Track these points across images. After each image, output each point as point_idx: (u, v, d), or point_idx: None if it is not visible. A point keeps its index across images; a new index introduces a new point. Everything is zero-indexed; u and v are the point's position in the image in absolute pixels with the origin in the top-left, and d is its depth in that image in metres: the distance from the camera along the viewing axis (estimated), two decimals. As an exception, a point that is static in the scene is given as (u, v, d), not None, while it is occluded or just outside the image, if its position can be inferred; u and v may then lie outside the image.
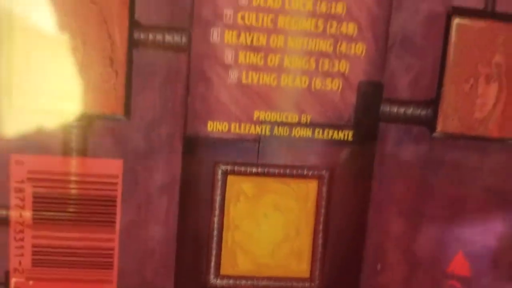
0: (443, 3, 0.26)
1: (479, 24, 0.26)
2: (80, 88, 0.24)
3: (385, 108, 0.26)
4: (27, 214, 0.24)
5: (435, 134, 0.27)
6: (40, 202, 0.24)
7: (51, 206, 0.25)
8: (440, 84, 0.26)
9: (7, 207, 0.24)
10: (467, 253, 0.28)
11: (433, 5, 0.26)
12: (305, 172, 0.26)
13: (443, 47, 0.26)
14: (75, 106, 0.24)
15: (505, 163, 0.28)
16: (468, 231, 0.28)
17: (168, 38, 0.24)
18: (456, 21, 0.26)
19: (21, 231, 0.25)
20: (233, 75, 0.25)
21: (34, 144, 0.24)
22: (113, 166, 0.25)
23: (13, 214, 0.24)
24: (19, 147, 0.24)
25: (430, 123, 0.27)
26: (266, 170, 0.26)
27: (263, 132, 0.26)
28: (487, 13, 0.26)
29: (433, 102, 0.26)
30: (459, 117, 0.27)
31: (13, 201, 0.24)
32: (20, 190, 0.24)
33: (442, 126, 0.27)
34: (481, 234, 0.28)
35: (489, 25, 0.26)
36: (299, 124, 0.26)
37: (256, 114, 0.25)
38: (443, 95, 0.27)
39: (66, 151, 0.24)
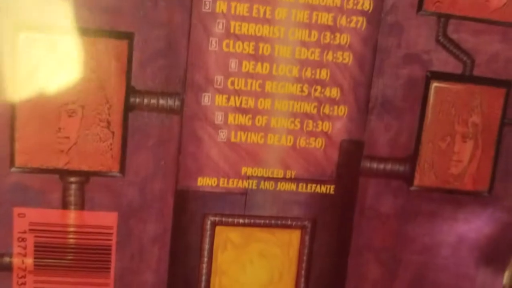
0: (422, 68, 0.27)
1: (457, 87, 0.28)
2: (78, 147, 0.25)
3: (366, 164, 0.28)
4: (29, 261, 0.26)
5: (412, 188, 0.29)
6: (41, 251, 0.26)
7: (51, 254, 0.26)
8: (418, 142, 0.28)
9: (10, 255, 0.26)
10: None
11: (413, 70, 0.27)
12: (289, 223, 0.28)
13: (422, 108, 0.28)
14: (73, 162, 0.26)
15: (479, 214, 0.30)
16: (442, 277, 0.30)
17: (162, 102, 0.26)
18: (435, 84, 0.28)
19: (23, 277, 0.27)
20: (222, 135, 0.27)
21: (35, 198, 0.26)
22: (108, 218, 0.26)
23: (16, 261, 0.26)
24: (21, 200, 0.26)
25: (407, 178, 0.28)
26: (252, 220, 0.28)
27: (250, 186, 0.27)
28: (465, 77, 0.28)
29: (411, 159, 0.28)
30: (435, 172, 0.29)
31: (16, 249, 0.26)
32: (23, 240, 0.26)
33: (419, 180, 0.29)
34: (455, 279, 0.30)
35: (466, 88, 0.28)
36: (284, 179, 0.28)
37: (243, 170, 0.27)
38: (421, 152, 0.28)
39: (64, 205, 0.26)
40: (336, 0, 0.26)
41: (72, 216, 0.26)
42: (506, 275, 0.29)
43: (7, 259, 0.26)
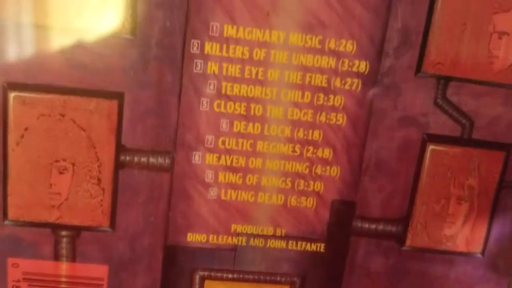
0: (419, 131, 0.27)
1: (454, 150, 0.27)
2: (69, 202, 0.26)
3: (357, 223, 0.28)
4: (22, 309, 0.27)
5: (404, 248, 0.28)
6: (33, 300, 0.27)
7: (44, 303, 0.27)
8: (411, 204, 0.28)
9: (4, 303, 0.27)
10: None
11: (409, 133, 0.26)
12: (278, 279, 0.28)
13: (416, 170, 0.27)
14: (65, 217, 0.26)
15: (471, 273, 0.29)
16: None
17: (152, 160, 0.26)
18: (431, 147, 0.27)
19: (17, 323, 0.27)
20: (212, 192, 0.27)
21: (28, 249, 0.26)
22: (99, 271, 0.27)
23: (10, 309, 0.27)
24: (15, 251, 0.26)
25: (399, 238, 0.28)
26: (241, 276, 0.28)
27: (239, 243, 0.27)
28: (463, 140, 0.27)
29: (404, 220, 0.28)
30: (428, 233, 0.28)
31: (10, 298, 0.27)
32: (16, 289, 0.27)
33: (411, 241, 0.28)
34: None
35: (464, 151, 0.27)
36: (274, 236, 0.27)
37: (233, 227, 0.27)
38: (414, 213, 0.28)
39: (57, 257, 0.26)
40: (330, 62, 0.25)
41: (64, 268, 0.27)
42: None
43: (0, 306, 0.27)
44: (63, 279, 0.27)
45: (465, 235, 0.28)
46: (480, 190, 0.28)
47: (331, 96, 0.26)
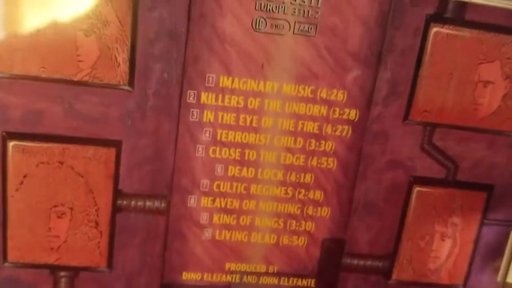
0: (406, 173, 0.28)
1: (439, 190, 0.28)
2: (68, 245, 0.26)
3: (346, 260, 0.29)
4: None
5: (390, 282, 0.30)
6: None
7: None
8: (398, 240, 0.29)
9: None
10: None
11: (396, 175, 0.28)
12: (270, 312, 0.29)
13: (403, 210, 0.28)
14: (63, 259, 0.27)
15: (454, 303, 0.31)
16: None
17: (149, 204, 0.26)
18: (417, 188, 0.28)
19: None
20: (207, 233, 0.28)
21: (28, 290, 0.27)
22: (97, 309, 0.28)
23: None
24: (14, 292, 0.27)
25: (386, 273, 0.29)
26: (234, 311, 0.29)
27: (233, 280, 0.28)
28: (447, 182, 0.28)
29: (390, 256, 0.29)
30: (413, 267, 0.30)
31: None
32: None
33: (397, 275, 0.30)
34: None
35: (448, 192, 0.28)
36: (266, 273, 0.28)
37: (227, 265, 0.28)
38: (400, 249, 0.29)
39: (55, 297, 0.27)
40: (322, 110, 0.26)
41: (61, 307, 0.27)
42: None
43: None
44: (62, 317, 0.28)
45: (448, 268, 0.30)
46: (463, 227, 0.29)
47: (323, 142, 0.27)
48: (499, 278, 0.30)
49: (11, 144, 0.25)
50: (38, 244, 0.26)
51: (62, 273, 0.27)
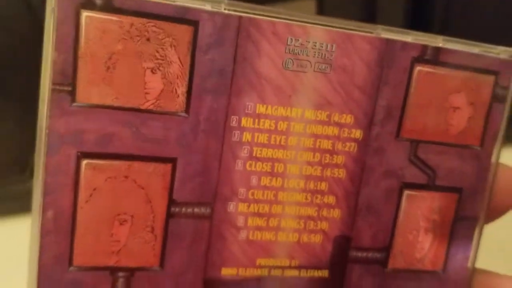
0: (397, 181, 0.35)
1: (422, 193, 0.36)
2: (127, 248, 0.31)
3: (352, 253, 0.35)
4: None
5: (386, 270, 0.36)
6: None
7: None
8: (392, 236, 0.36)
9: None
10: None
11: (390, 183, 0.35)
12: (292, 302, 0.35)
13: (396, 210, 0.35)
14: (122, 261, 0.31)
15: (435, 287, 0.38)
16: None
17: (197, 210, 0.32)
18: (406, 192, 0.35)
19: None
20: (243, 234, 0.33)
21: (90, 290, 0.31)
22: (150, 305, 0.32)
23: None
24: (78, 292, 0.31)
25: (383, 263, 0.36)
26: (263, 301, 0.34)
27: (263, 274, 0.34)
28: (429, 186, 0.36)
29: (386, 248, 0.36)
30: (404, 257, 0.36)
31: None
32: (78, 325, 0.31)
33: (392, 264, 0.36)
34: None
35: (430, 194, 0.36)
36: (289, 267, 0.34)
37: (258, 261, 0.34)
38: (394, 243, 0.36)
39: (114, 295, 0.31)
40: (334, 131, 0.33)
41: (120, 304, 0.32)
42: None
43: None
44: (119, 314, 0.32)
45: (430, 257, 0.37)
46: (441, 223, 0.36)
47: (335, 156, 0.33)
48: (469, 264, 0.37)
49: (84, 162, 0.30)
50: (101, 249, 0.31)
51: (120, 274, 0.31)
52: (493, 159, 0.36)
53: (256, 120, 0.32)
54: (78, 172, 0.30)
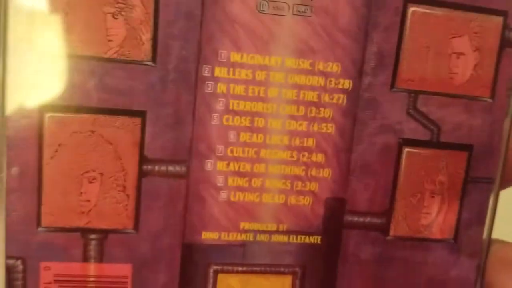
0: (395, 136, 0.31)
1: (426, 151, 0.32)
2: (98, 208, 0.29)
3: (348, 217, 0.32)
4: (54, 308, 0.30)
5: (388, 238, 0.33)
6: (65, 300, 0.30)
7: (74, 302, 0.30)
8: (392, 199, 0.32)
9: (37, 304, 0.30)
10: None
11: (387, 139, 0.31)
12: (282, 269, 0.32)
13: (395, 170, 0.32)
14: (93, 222, 0.29)
15: (445, 257, 0.34)
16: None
17: (171, 168, 0.30)
18: (406, 150, 0.32)
19: (49, 321, 0.30)
20: (223, 195, 0.31)
21: (59, 253, 0.29)
22: (123, 270, 0.30)
23: (43, 308, 0.30)
24: (47, 256, 0.29)
25: (384, 229, 0.33)
26: (249, 268, 0.32)
27: (247, 239, 0.31)
28: (432, 143, 0.32)
29: (387, 213, 0.32)
30: (408, 224, 0.33)
31: (43, 298, 0.30)
32: (49, 290, 0.30)
33: (394, 231, 0.33)
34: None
35: (434, 152, 0.32)
36: (277, 231, 0.32)
37: (242, 225, 0.31)
38: (395, 207, 0.32)
39: (85, 259, 0.30)
40: (319, 81, 0.30)
41: (92, 268, 0.30)
42: None
43: (34, 306, 0.30)
44: (91, 279, 0.30)
45: (439, 223, 0.33)
46: (449, 185, 0.32)
47: (322, 109, 0.30)
48: (485, 233, 0.33)
49: (47, 115, 0.28)
50: (70, 209, 0.29)
51: (92, 236, 0.30)
52: (509, 112, 0.32)
53: (231, 70, 0.30)
54: (42, 126, 0.28)
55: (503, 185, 0.33)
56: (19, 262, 0.29)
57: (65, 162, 0.29)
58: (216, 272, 0.32)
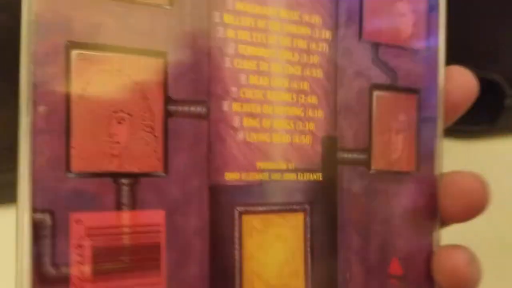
0: (367, 81, 0.37)
1: (388, 94, 0.38)
2: (128, 150, 0.28)
3: (339, 154, 0.36)
4: (86, 268, 0.27)
5: (371, 172, 0.37)
6: (98, 256, 0.27)
7: (107, 258, 0.27)
8: (370, 136, 0.37)
9: (67, 264, 0.26)
10: (400, 257, 0.38)
11: (361, 83, 0.37)
12: (294, 207, 0.34)
13: (369, 112, 0.37)
14: (125, 165, 0.28)
15: (414, 188, 0.39)
16: (399, 241, 0.38)
17: (193, 109, 0.30)
18: (375, 93, 0.38)
19: (81, 286, 0.27)
20: (240, 135, 0.32)
21: (90, 202, 0.27)
22: (157, 216, 0.29)
23: (73, 270, 0.26)
24: (78, 205, 0.27)
25: (367, 164, 0.37)
26: (269, 208, 0.33)
27: (264, 178, 0.33)
28: (393, 87, 0.38)
29: (368, 149, 0.37)
30: (384, 159, 0.38)
31: (73, 257, 0.26)
32: (79, 246, 0.27)
33: (374, 165, 0.37)
34: (407, 241, 0.38)
35: (394, 95, 0.38)
36: (287, 170, 0.34)
37: (258, 165, 0.33)
38: (372, 144, 0.37)
39: (118, 206, 0.28)
40: (307, 31, 0.35)
41: (125, 217, 0.28)
42: None
43: (64, 268, 0.26)
44: (125, 229, 0.28)
45: (404, 158, 0.39)
46: (408, 124, 0.39)
47: (311, 56, 0.35)
48: (436, 165, 0.40)
49: (74, 52, 0.27)
50: (100, 152, 0.28)
51: (124, 180, 0.28)
52: (439, 59, 0.40)
53: (237, 17, 0.33)
54: (69, 63, 0.27)
55: (446, 122, 0.41)
56: (47, 215, 0.26)
57: (94, 102, 0.28)
58: (241, 214, 0.32)
